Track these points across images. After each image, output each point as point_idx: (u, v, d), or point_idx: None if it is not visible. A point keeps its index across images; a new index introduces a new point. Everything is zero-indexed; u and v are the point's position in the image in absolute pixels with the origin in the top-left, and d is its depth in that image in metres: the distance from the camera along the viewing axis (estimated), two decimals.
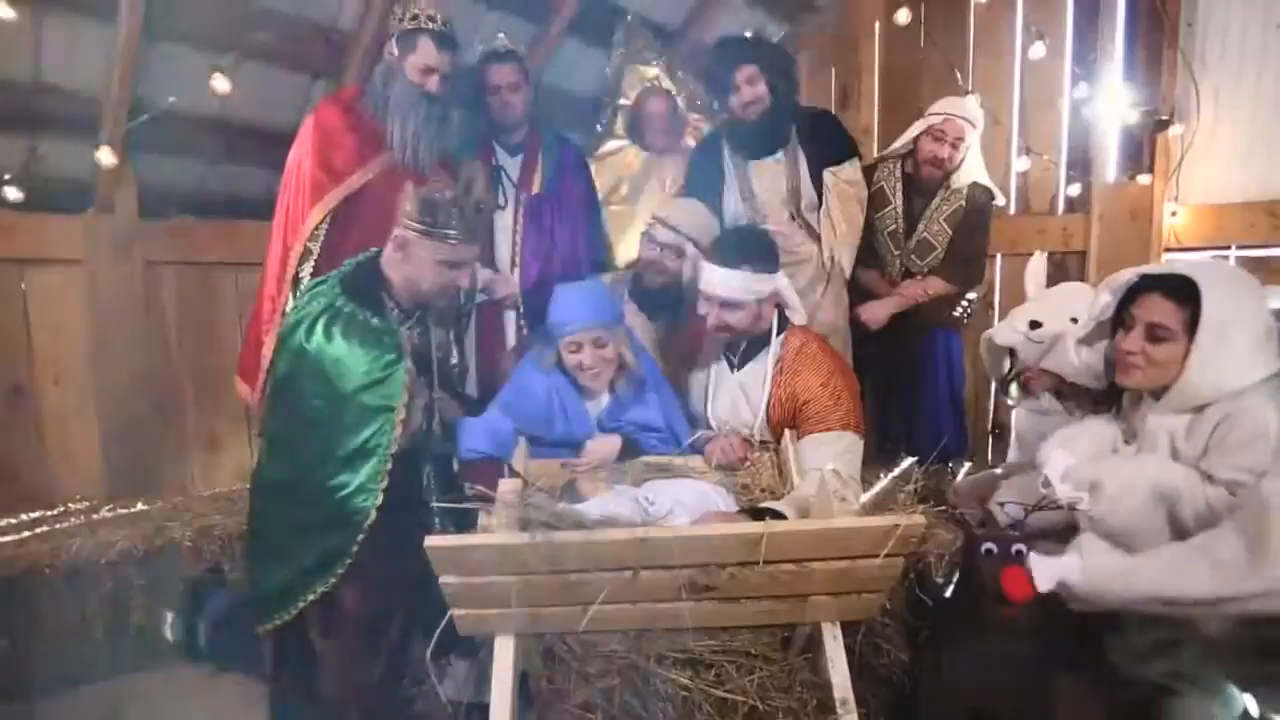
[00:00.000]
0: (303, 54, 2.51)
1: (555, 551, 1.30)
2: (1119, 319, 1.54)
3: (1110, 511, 1.41)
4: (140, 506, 2.35)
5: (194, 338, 2.78)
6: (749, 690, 1.51)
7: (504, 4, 2.78)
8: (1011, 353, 2.13)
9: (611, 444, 1.86)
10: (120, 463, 2.55)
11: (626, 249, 2.97)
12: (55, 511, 2.29)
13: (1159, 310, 1.42)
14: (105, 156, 2.15)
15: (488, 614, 1.46)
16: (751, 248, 1.87)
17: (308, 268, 2.12)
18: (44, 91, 2.18)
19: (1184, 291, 1.39)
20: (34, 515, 2.25)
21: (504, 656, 1.50)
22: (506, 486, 1.47)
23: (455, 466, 1.82)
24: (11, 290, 2.36)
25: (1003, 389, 2.19)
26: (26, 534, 2.10)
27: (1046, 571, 1.27)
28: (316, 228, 2.10)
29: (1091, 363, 1.76)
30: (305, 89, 2.66)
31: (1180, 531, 1.40)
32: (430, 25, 2.12)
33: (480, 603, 1.42)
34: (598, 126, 3.18)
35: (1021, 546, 1.33)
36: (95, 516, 2.26)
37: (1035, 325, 2.00)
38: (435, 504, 1.67)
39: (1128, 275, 1.48)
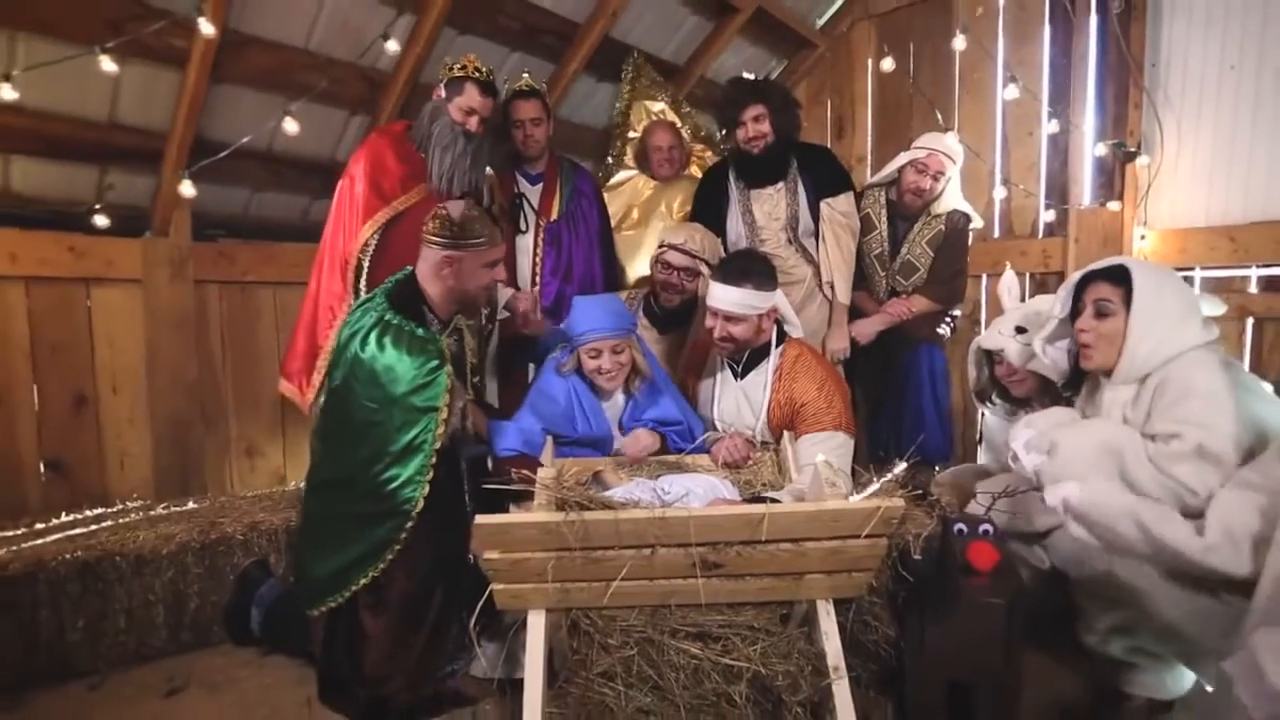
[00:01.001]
0: (343, 93, 2.75)
1: (587, 529, 1.51)
2: (1075, 314, 1.82)
3: (1066, 466, 1.64)
4: (191, 505, 2.55)
5: (235, 351, 2.99)
6: (753, 658, 1.70)
7: (525, 45, 3.03)
8: (990, 363, 2.35)
9: (653, 438, 2.08)
10: (169, 465, 2.76)
11: (636, 270, 3.20)
12: (116, 508, 2.50)
13: (1101, 290, 1.75)
14: (186, 188, 2.38)
15: (524, 589, 1.66)
16: (753, 267, 2.10)
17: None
18: (118, 129, 2.42)
19: (1120, 276, 1.73)
20: (97, 511, 2.46)
21: (536, 631, 1.70)
22: (545, 473, 1.68)
23: (490, 464, 2.03)
24: (79, 307, 2.58)
25: (978, 397, 2.41)
26: (94, 527, 2.30)
27: (1055, 491, 1.46)
28: (366, 242, 2.34)
29: (1056, 358, 1.99)
30: (343, 123, 2.90)
31: (1132, 487, 1.63)
32: (476, 74, 2.38)
33: (518, 578, 1.62)
34: (608, 159, 3.42)
35: (988, 526, 1.54)
36: (152, 513, 2.46)
37: (1020, 330, 2.22)
38: (485, 486, 1.86)
39: (1077, 274, 1.80)
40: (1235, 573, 1.44)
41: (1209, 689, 1.69)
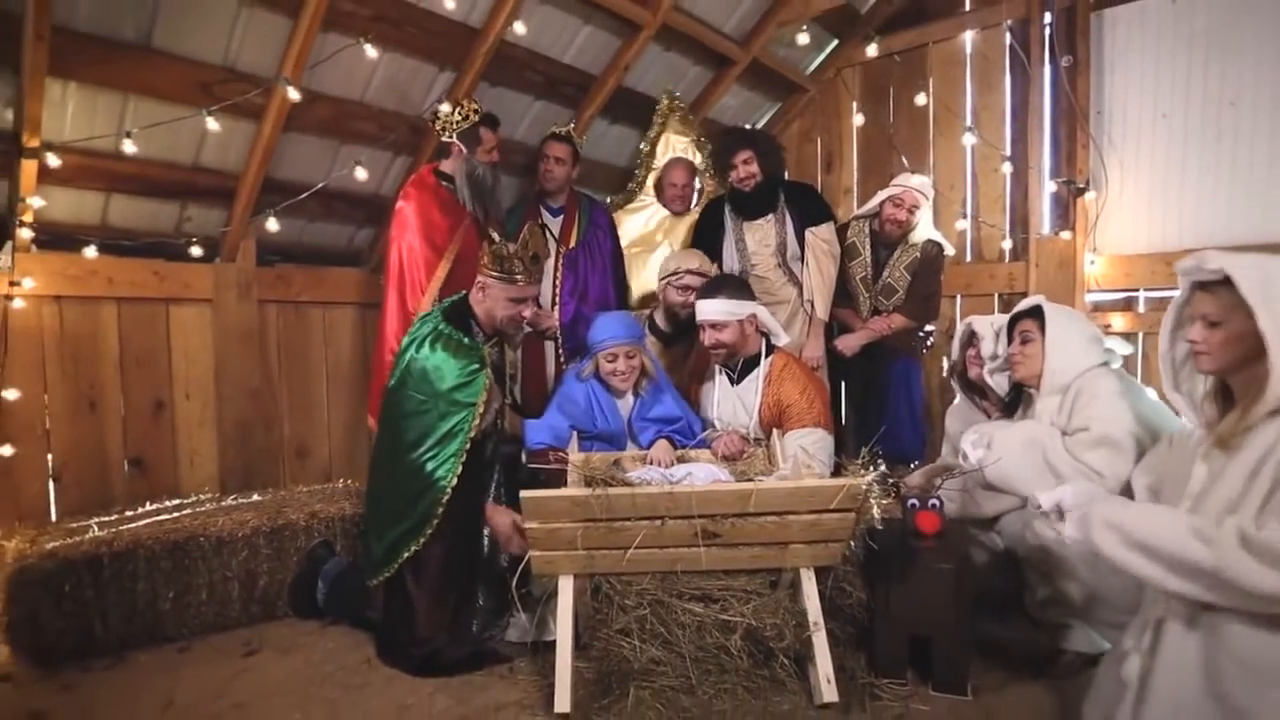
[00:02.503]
0: (387, 135, 3.15)
1: (609, 502, 1.87)
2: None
3: (998, 458, 2.02)
4: (255, 497, 2.91)
5: (289, 362, 3.36)
6: (746, 615, 2.04)
7: (547, 95, 3.44)
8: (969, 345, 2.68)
9: (668, 448, 2.47)
10: (233, 463, 3.12)
11: (639, 286, 3.59)
12: (191, 499, 2.86)
13: (1025, 324, 2.23)
14: (272, 224, 2.77)
15: (556, 555, 2.01)
16: (726, 282, 2.53)
17: None
18: (200, 171, 2.81)
19: (1037, 313, 2.20)
20: (175, 502, 2.82)
21: (566, 593, 2.05)
22: (576, 458, 2.04)
23: (524, 456, 2.40)
24: (160, 324, 2.95)
25: (950, 370, 2.77)
26: (176, 514, 2.66)
27: (1050, 496, 1.75)
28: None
29: (1000, 382, 2.39)
30: (388, 163, 3.29)
31: (1052, 470, 2.00)
32: (476, 115, 2.77)
33: (552, 545, 1.98)
34: (630, 185, 3.75)
35: (935, 501, 1.90)
36: (223, 504, 2.81)
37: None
38: (528, 465, 2.22)
39: (1004, 318, 2.33)
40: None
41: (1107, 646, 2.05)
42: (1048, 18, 3.50)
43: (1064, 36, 3.44)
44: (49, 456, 2.67)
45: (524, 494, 1.85)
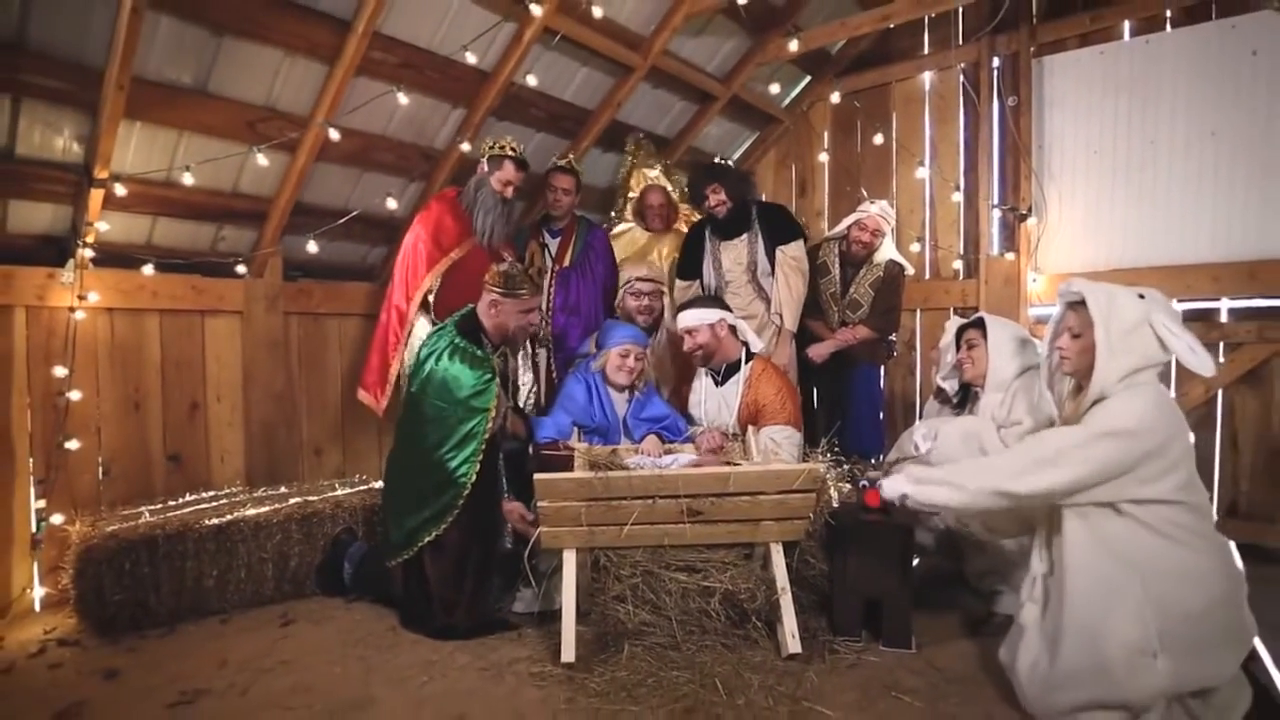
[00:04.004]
0: (405, 165, 3.50)
1: (609, 483, 2.21)
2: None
3: (942, 446, 2.40)
4: (283, 489, 3.22)
5: (308, 369, 3.67)
6: (724, 581, 2.39)
7: (548, 128, 3.81)
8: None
9: (657, 442, 2.82)
10: (258, 460, 3.42)
11: None
12: (225, 491, 3.16)
13: (969, 334, 2.61)
14: (311, 245, 3.10)
15: (562, 531, 2.35)
16: (699, 297, 2.98)
17: (421, 314, 3.10)
18: (237, 196, 3.13)
19: (980, 325, 2.58)
20: (212, 493, 3.12)
21: (570, 564, 2.38)
22: (581, 448, 2.39)
23: (531, 449, 2.74)
24: (195, 333, 3.26)
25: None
26: (214, 504, 2.96)
27: (892, 487, 2.16)
28: (429, 291, 3.07)
29: (950, 385, 2.78)
30: (402, 188, 3.64)
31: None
32: (513, 152, 3.13)
33: (560, 521, 2.31)
34: (613, 213, 4.17)
35: (881, 480, 2.25)
36: (254, 495, 3.12)
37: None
38: (540, 454, 2.56)
39: (955, 328, 2.70)
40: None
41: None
42: (995, 62, 3.93)
43: (1009, 80, 3.87)
44: (99, 452, 2.97)
45: (538, 476, 2.19)
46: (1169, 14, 3.49)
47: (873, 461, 3.37)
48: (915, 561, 2.86)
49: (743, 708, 2.00)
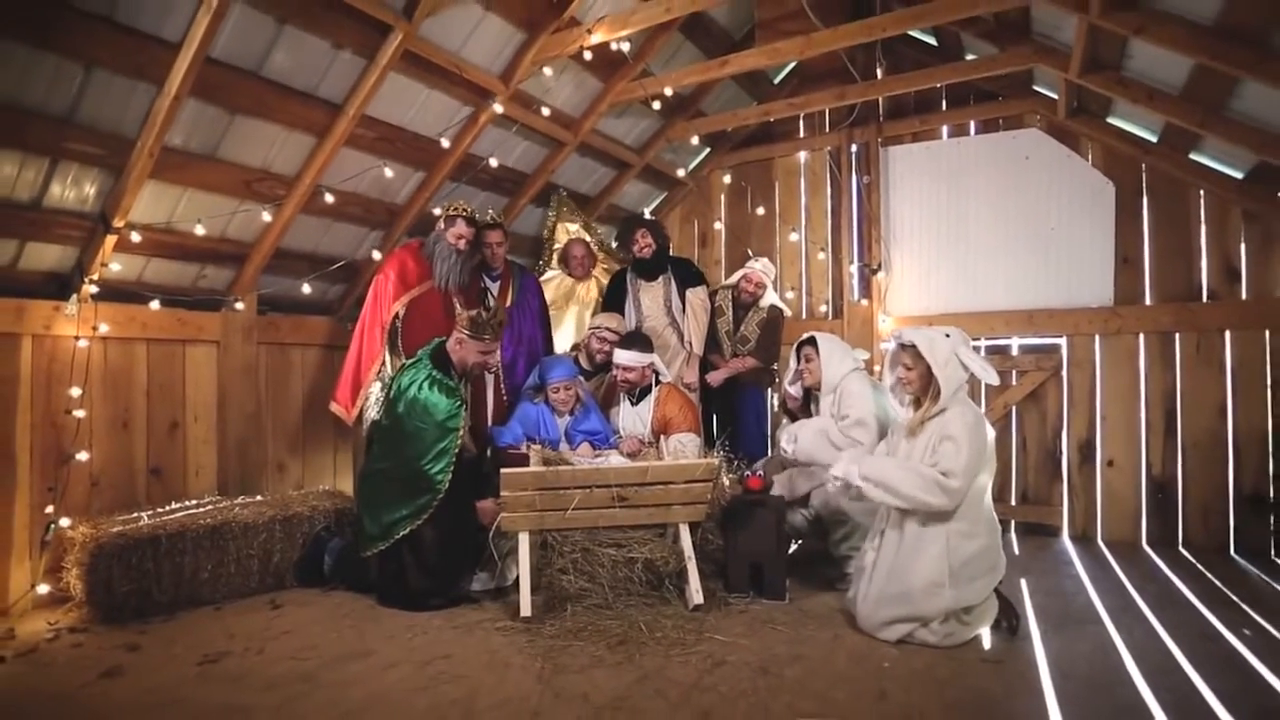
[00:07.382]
0: (369, 217, 4.07)
1: (557, 476, 2.88)
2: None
3: (800, 443, 3.22)
4: (258, 498, 3.66)
5: (274, 393, 4.12)
6: (644, 553, 3.08)
7: (492, 188, 4.49)
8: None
9: (589, 449, 3.50)
10: (230, 475, 3.83)
11: (558, 338, 4.63)
12: (204, 500, 3.57)
13: (805, 350, 3.45)
14: (306, 287, 3.61)
15: (520, 516, 2.99)
16: (638, 339, 3.65)
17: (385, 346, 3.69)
18: (225, 241, 3.62)
19: (813, 342, 3.41)
20: (192, 502, 3.53)
21: (524, 544, 3.02)
22: (535, 448, 3.05)
23: (489, 453, 3.37)
24: (178, 359, 3.67)
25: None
26: (200, 509, 3.38)
27: (836, 469, 2.95)
28: (396, 314, 3.66)
29: (797, 392, 3.64)
30: (364, 236, 4.20)
31: (837, 449, 3.20)
32: (465, 212, 3.79)
33: (517, 507, 2.96)
34: (540, 262, 4.87)
35: (760, 471, 3.05)
36: (235, 502, 3.55)
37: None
38: (504, 455, 3.19)
39: (795, 344, 3.51)
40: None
41: None
42: (854, 148, 4.97)
43: (864, 163, 4.91)
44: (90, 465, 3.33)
45: (504, 471, 2.84)
46: (973, 123, 4.63)
47: (758, 463, 4.20)
48: (796, 544, 3.72)
49: (659, 639, 2.70)
